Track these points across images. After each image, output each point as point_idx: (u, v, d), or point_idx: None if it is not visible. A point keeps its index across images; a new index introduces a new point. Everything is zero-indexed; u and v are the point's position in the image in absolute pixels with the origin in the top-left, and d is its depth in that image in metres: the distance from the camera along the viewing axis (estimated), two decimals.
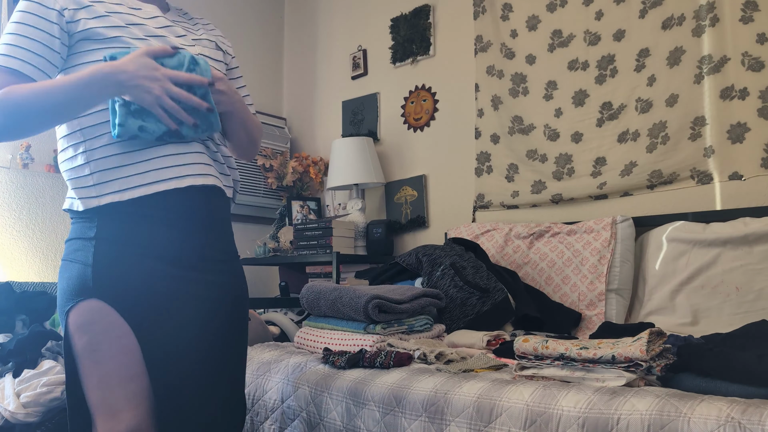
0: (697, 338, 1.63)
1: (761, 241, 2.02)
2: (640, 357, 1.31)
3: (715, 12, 2.27)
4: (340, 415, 1.60)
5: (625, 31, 2.50)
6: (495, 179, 2.85)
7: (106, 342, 1.22)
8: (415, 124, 3.23)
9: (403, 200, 3.22)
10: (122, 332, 1.23)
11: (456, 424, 1.38)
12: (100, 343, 1.22)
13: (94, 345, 1.22)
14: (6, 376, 1.74)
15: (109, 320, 1.22)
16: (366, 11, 3.51)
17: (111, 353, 1.22)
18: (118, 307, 1.23)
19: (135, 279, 1.24)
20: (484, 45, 2.93)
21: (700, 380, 1.28)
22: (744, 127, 2.21)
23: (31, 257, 2.74)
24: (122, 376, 1.22)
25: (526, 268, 2.45)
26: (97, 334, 1.22)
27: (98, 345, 1.22)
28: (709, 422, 1.09)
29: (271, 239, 3.33)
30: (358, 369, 1.68)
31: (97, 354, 1.22)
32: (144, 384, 1.24)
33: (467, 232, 2.70)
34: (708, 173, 2.28)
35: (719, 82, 2.26)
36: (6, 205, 2.68)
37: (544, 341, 1.45)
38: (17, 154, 2.68)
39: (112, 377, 1.22)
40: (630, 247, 2.30)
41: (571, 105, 2.63)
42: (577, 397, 1.27)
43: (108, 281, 1.23)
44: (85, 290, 1.23)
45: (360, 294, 1.87)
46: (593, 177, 2.55)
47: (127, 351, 1.23)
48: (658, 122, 2.39)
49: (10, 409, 1.65)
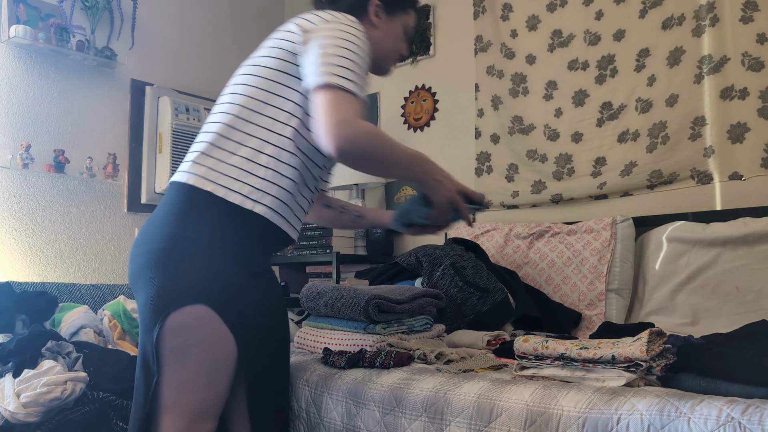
0: (697, 338, 1.63)
1: (761, 241, 2.02)
2: (640, 357, 1.30)
3: (715, 12, 2.27)
4: (340, 415, 1.60)
5: (625, 31, 2.50)
6: (495, 179, 2.85)
7: (198, 347, 1.27)
8: (415, 124, 3.23)
9: (403, 200, 3.22)
10: (220, 339, 1.28)
11: (456, 424, 1.38)
12: (192, 347, 1.26)
13: (185, 348, 1.26)
14: (6, 376, 1.74)
15: (211, 327, 1.27)
16: None
17: (199, 358, 1.27)
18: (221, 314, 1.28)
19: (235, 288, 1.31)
20: (484, 45, 2.93)
21: (700, 380, 1.27)
22: (744, 127, 2.21)
23: (31, 257, 2.74)
24: (200, 383, 1.28)
25: (526, 268, 2.44)
26: (192, 337, 1.26)
27: (189, 349, 1.26)
28: (709, 422, 1.09)
29: None
30: (358, 369, 1.68)
31: (185, 357, 1.26)
32: (221, 393, 1.31)
33: (467, 232, 2.70)
34: (708, 173, 2.28)
35: (719, 82, 2.26)
36: (6, 205, 2.68)
37: (544, 341, 1.45)
38: (17, 154, 2.68)
39: (191, 382, 1.27)
40: (630, 247, 2.30)
41: (571, 105, 2.63)
42: (577, 397, 1.27)
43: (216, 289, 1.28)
44: (195, 295, 1.26)
45: (360, 294, 1.87)
46: (593, 177, 2.55)
47: (216, 358, 1.28)
48: (658, 122, 2.39)
49: (10, 409, 1.65)
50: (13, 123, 2.72)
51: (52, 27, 2.75)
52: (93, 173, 2.89)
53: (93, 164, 2.90)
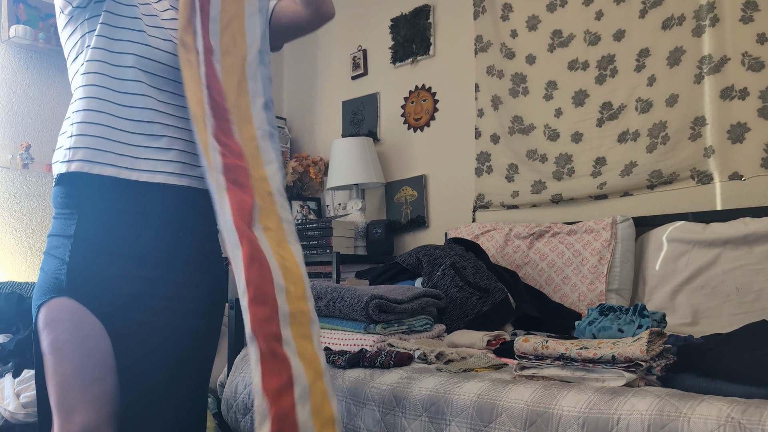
0: (697, 338, 1.63)
1: (761, 241, 2.02)
2: (640, 357, 1.31)
3: (715, 12, 2.27)
4: (340, 414, 1.60)
5: (625, 31, 2.50)
6: (495, 179, 2.85)
7: (71, 342, 1.20)
8: (415, 124, 3.23)
9: (403, 200, 3.22)
10: (91, 333, 1.21)
11: (456, 423, 1.38)
12: (65, 342, 1.20)
13: (59, 343, 1.20)
14: (6, 376, 1.75)
15: (78, 320, 1.21)
16: (366, 11, 3.51)
17: (74, 354, 1.20)
18: (91, 306, 1.22)
19: (107, 279, 1.23)
20: (484, 45, 2.93)
21: (700, 380, 1.28)
22: (744, 127, 2.21)
23: (31, 257, 2.74)
24: (83, 378, 1.21)
25: (526, 268, 2.45)
26: (63, 332, 1.20)
27: (63, 344, 1.20)
28: (709, 422, 1.09)
29: None
30: (358, 369, 1.68)
31: (61, 353, 1.20)
32: (106, 388, 1.22)
33: (467, 232, 2.70)
34: (708, 173, 2.28)
35: (719, 82, 2.26)
36: (6, 205, 2.68)
37: (544, 341, 1.45)
38: (17, 154, 2.68)
39: (73, 378, 1.20)
40: (630, 247, 2.30)
41: (571, 105, 2.63)
42: (577, 397, 1.27)
43: (82, 280, 1.22)
44: (59, 288, 1.22)
45: (360, 294, 1.87)
46: (593, 177, 2.55)
47: (91, 353, 1.21)
48: (658, 122, 2.39)
49: (10, 409, 1.65)
50: (13, 123, 2.72)
51: (52, 27, 2.76)
52: None
53: None
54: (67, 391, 1.20)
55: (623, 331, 1.55)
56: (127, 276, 1.25)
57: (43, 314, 1.22)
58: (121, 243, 1.26)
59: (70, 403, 1.20)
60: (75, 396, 1.20)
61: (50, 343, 1.20)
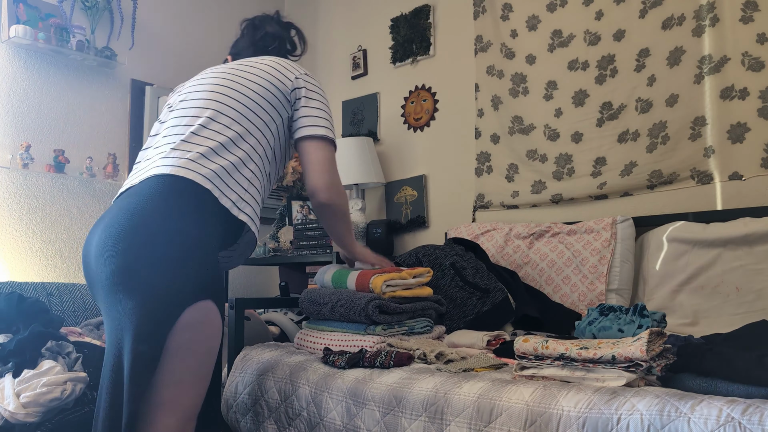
0: (697, 338, 1.63)
1: (761, 241, 2.02)
2: (640, 357, 1.31)
3: (715, 12, 2.27)
4: (340, 414, 1.60)
5: (625, 31, 2.50)
6: (495, 179, 2.85)
7: (204, 343, 1.31)
8: (415, 124, 3.23)
9: (403, 200, 3.22)
10: (218, 335, 1.36)
11: (456, 424, 1.38)
12: (199, 343, 1.30)
13: (192, 344, 1.29)
14: (6, 376, 1.74)
15: (217, 323, 1.33)
16: (366, 11, 3.51)
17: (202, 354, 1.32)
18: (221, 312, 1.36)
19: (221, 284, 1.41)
20: (484, 45, 2.93)
21: (700, 380, 1.28)
22: (744, 127, 2.21)
23: (31, 257, 2.74)
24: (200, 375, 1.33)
25: (526, 268, 2.44)
26: (199, 333, 1.30)
27: (195, 344, 1.29)
28: (709, 422, 1.09)
29: (271, 239, 3.33)
30: (358, 369, 1.68)
31: (189, 353, 1.29)
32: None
33: (467, 232, 2.70)
34: (708, 173, 2.28)
35: (719, 82, 2.26)
36: (6, 205, 2.68)
37: (544, 341, 1.45)
38: (17, 154, 2.68)
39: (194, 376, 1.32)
40: (630, 247, 2.30)
41: (571, 105, 2.63)
42: (577, 397, 1.27)
43: (220, 286, 1.37)
44: (207, 290, 1.32)
45: (360, 295, 1.87)
46: (593, 177, 2.55)
47: (212, 354, 1.35)
48: (658, 122, 2.39)
49: (10, 410, 1.65)
50: (13, 123, 2.72)
51: (52, 27, 2.75)
52: (93, 173, 2.89)
53: (93, 164, 2.90)
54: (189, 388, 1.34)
55: (623, 331, 1.55)
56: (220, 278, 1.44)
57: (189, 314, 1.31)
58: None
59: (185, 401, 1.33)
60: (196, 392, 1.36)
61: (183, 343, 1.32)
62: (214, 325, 1.33)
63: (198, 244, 1.32)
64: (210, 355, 1.34)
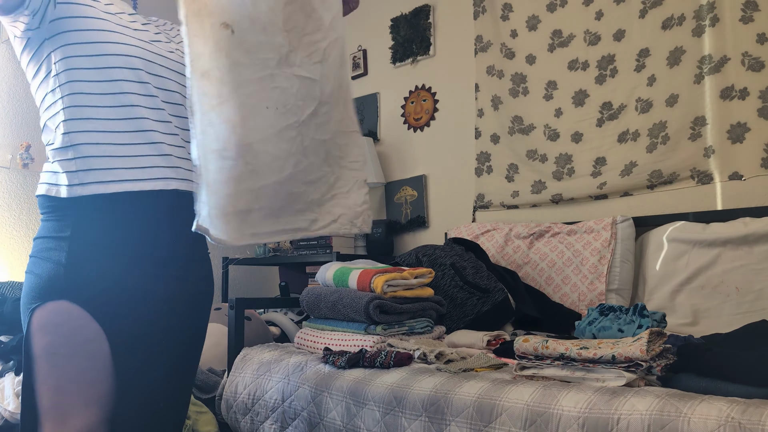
0: (697, 338, 1.64)
1: (761, 241, 2.02)
2: (640, 357, 1.31)
3: (715, 12, 2.27)
4: (340, 414, 1.60)
5: (625, 31, 2.50)
6: (495, 179, 2.85)
7: (69, 345, 1.18)
8: (415, 124, 3.23)
9: (403, 200, 3.22)
10: (90, 336, 1.20)
11: (456, 424, 1.38)
12: (62, 346, 1.18)
13: (55, 347, 1.18)
14: (7, 375, 1.75)
15: (77, 324, 1.19)
16: (366, 11, 3.50)
17: (72, 357, 1.18)
18: (90, 309, 1.20)
19: (108, 279, 1.22)
20: (484, 45, 2.93)
21: (700, 380, 1.28)
22: (744, 127, 2.21)
23: None
24: (80, 381, 1.19)
25: (526, 268, 2.45)
26: (61, 336, 1.18)
27: (59, 348, 1.18)
28: (709, 422, 1.09)
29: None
30: (358, 369, 1.68)
31: (57, 357, 1.18)
32: (104, 390, 1.21)
33: (467, 232, 2.70)
34: (708, 173, 2.28)
35: (719, 82, 2.26)
36: (6, 205, 2.68)
37: (544, 341, 1.45)
38: (17, 154, 2.68)
39: (69, 382, 1.18)
40: (630, 247, 2.30)
41: (571, 105, 2.63)
42: (577, 397, 1.27)
43: (82, 282, 1.20)
44: (56, 291, 1.19)
45: (361, 294, 1.87)
46: (593, 177, 2.55)
47: (90, 356, 1.20)
48: (658, 122, 2.39)
49: (10, 409, 1.65)
50: (13, 123, 2.72)
51: None
52: None
53: None
54: (62, 395, 1.18)
55: (623, 331, 1.55)
56: (125, 276, 1.24)
57: (37, 318, 1.19)
58: (118, 243, 1.24)
59: (65, 408, 1.18)
60: (71, 400, 1.18)
61: (44, 347, 1.18)
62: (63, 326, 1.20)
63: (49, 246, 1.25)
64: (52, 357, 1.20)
